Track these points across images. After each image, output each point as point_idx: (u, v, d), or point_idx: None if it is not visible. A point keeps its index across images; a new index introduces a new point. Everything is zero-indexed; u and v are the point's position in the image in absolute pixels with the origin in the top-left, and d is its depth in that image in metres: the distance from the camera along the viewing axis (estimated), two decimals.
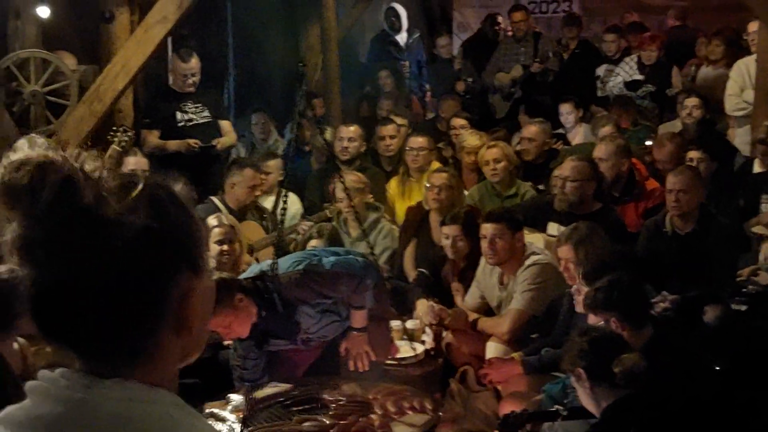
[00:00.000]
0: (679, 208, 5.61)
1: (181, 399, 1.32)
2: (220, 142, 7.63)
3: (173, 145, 7.46)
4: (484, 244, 5.31)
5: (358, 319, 4.74)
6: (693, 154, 6.60)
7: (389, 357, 5.09)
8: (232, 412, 4.27)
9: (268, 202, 7.04)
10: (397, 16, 12.12)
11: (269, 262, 4.59)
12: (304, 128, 8.48)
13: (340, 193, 6.28)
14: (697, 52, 9.61)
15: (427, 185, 6.42)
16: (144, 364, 1.30)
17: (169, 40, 8.06)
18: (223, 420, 4.19)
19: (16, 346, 4.25)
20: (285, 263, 4.59)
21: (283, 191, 5.51)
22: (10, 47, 6.92)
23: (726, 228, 5.69)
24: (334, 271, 4.51)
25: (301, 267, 4.51)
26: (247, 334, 4.45)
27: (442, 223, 5.81)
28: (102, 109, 6.73)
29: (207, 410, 4.24)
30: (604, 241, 4.93)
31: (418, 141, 7.28)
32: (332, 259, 4.61)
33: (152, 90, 8.32)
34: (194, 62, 7.65)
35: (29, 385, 1.29)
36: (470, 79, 10.38)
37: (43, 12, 6.89)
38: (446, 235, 5.71)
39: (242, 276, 4.66)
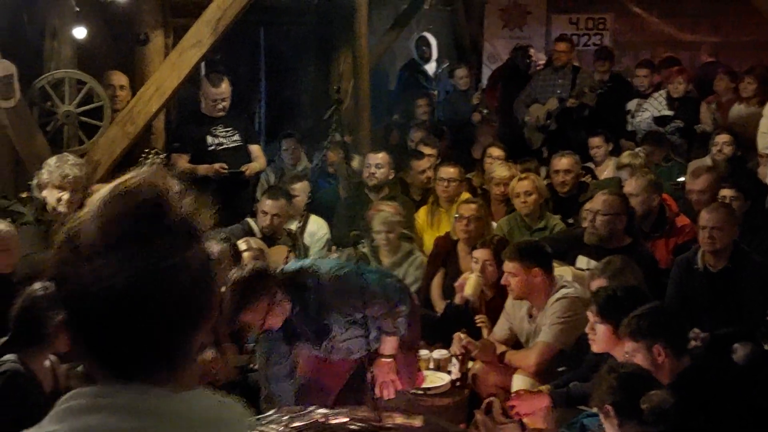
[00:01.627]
0: (713, 245, 5.56)
1: None
2: (250, 168, 7.66)
3: (202, 169, 7.49)
4: (504, 280, 5.34)
5: (388, 346, 4.72)
6: (726, 192, 6.56)
7: (415, 386, 5.08)
8: None
9: (294, 225, 7.05)
10: (428, 45, 12.17)
11: (310, 260, 4.60)
12: (333, 153, 8.51)
13: (377, 225, 6.30)
14: (716, 88, 9.58)
15: (456, 216, 6.42)
16: (184, 371, 1.34)
17: (202, 64, 8.13)
18: None
19: (47, 363, 4.28)
20: (327, 264, 4.60)
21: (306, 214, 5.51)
22: (45, 67, 6.99)
23: (759, 266, 5.63)
24: (372, 288, 4.50)
25: (341, 272, 4.50)
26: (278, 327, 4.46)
27: (473, 248, 5.82)
28: (134, 131, 6.78)
29: None
30: (638, 276, 4.91)
31: (449, 171, 7.28)
32: (373, 276, 4.61)
33: (183, 113, 8.37)
34: (225, 87, 7.70)
35: (77, 404, 1.28)
36: (486, 111, 10.40)
37: (80, 33, 6.95)
38: (476, 260, 5.71)
39: (281, 270, 4.65)
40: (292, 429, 3.91)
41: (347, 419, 4.09)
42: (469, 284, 5.68)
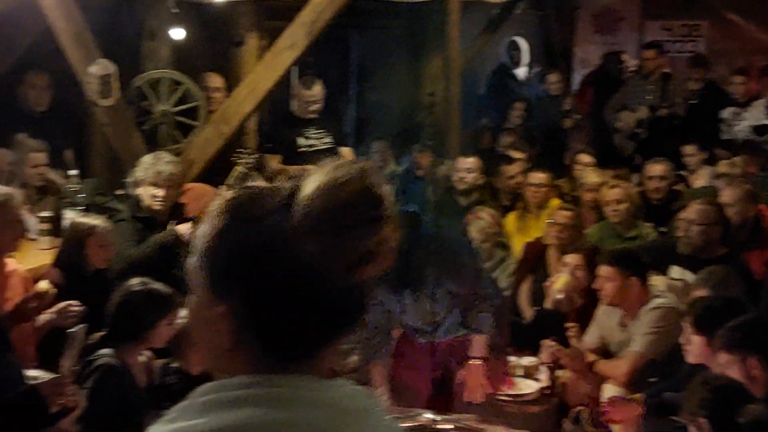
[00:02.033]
0: None
1: None
2: None
3: (293, 170, 7.54)
4: (597, 285, 5.27)
5: (477, 347, 4.70)
6: None
7: (504, 393, 5.05)
8: None
9: None
10: (518, 49, 12.10)
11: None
12: (423, 157, 8.53)
13: (474, 232, 6.30)
14: None
15: (550, 221, 6.37)
16: (325, 358, 1.38)
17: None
18: None
19: (142, 358, 4.36)
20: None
21: None
22: (143, 67, 7.13)
23: None
24: (474, 264, 4.53)
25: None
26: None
27: (564, 253, 5.79)
28: (228, 131, 6.87)
29: None
30: (739, 287, 4.81)
31: (539, 177, 7.23)
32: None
33: (275, 115, 8.46)
34: (317, 89, 7.75)
35: (220, 397, 1.31)
36: (578, 116, 10.28)
37: (177, 34, 7.08)
38: (567, 264, 5.68)
39: None
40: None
41: (452, 426, 4.08)
42: (558, 281, 5.65)
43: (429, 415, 4.14)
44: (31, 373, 3.44)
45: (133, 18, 7.25)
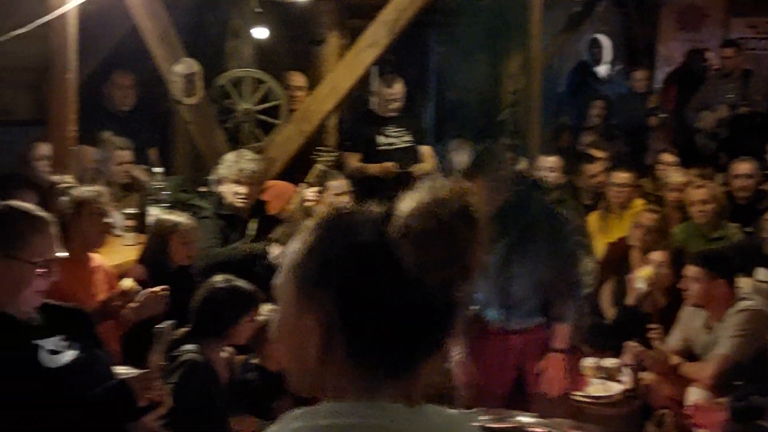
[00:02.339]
0: None
1: None
2: (419, 168, 7.69)
3: (372, 168, 7.56)
4: (683, 285, 5.18)
5: (560, 337, 4.66)
6: None
7: (584, 395, 4.99)
8: None
9: None
10: (600, 47, 11.97)
11: None
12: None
13: None
14: None
15: (634, 223, 6.27)
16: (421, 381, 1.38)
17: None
18: None
19: (225, 355, 4.40)
20: None
21: None
22: (226, 66, 7.22)
23: None
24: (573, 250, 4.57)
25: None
26: None
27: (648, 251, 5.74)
28: (309, 130, 6.91)
29: None
30: None
31: (623, 176, 7.12)
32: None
33: (355, 113, 8.48)
34: (398, 87, 7.74)
35: (306, 426, 1.31)
36: (664, 115, 10.11)
37: (260, 33, 7.15)
38: (651, 262, 5.61)
39: None
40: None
41: (546, 430, 4.05)
42: (642, 272, 5.58)
43: (523, 418, 4.11)
44: (118, 368, 3.49)
45: (217, 17, 7.35)
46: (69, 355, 3.08)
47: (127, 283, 4.47)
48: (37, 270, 2.99)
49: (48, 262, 3.03)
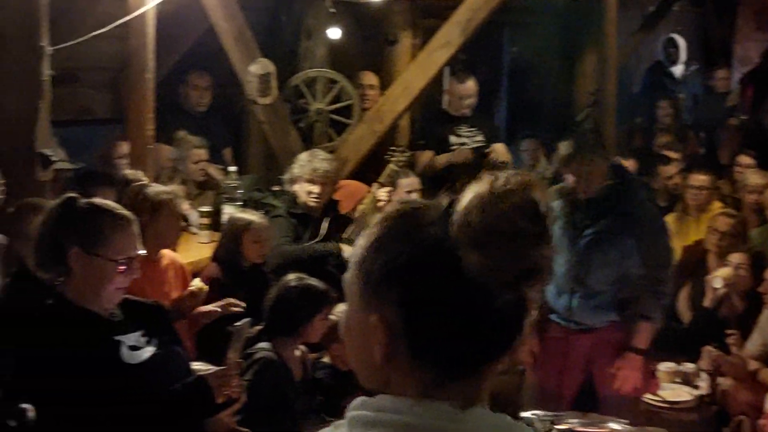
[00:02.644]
0: None
1: None
2: (495, 155, 7.60)
3: (442, 159, 7.45)
4: (763, 288, 5.08)
5: (643, 336, 4.59)
6: None
7: (660, 399, 4.92)
8: None
9: None
10: (675, 47, 11.80)
11: None
12: None
13: None
14: None
15: (710, 227, 6.17)
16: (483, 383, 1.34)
17: None
18: None
19: (298, 353, 4.43)
20: None
21: None
22: (300, 66, 7.26)
23: None
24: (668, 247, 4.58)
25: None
26: None
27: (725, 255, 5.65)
28: (381, 129, 6.92)
29: None
30: None
31: (700, 179, 6.99)
32: None
33: (427, 112, 8.47)
34: (471, 84, 7.68)
35: (361, 415, 1.31)
36: (744, 116, 9.92)
37: (334, 33, 7.17)
38: (730, 263, 5.51)
39: None
40: None
41: None
42: (720, 272, 5.49)
43: (614, 425, 4.07)
44: (195, 365, 3.53)
45: (291, 18, 7.40)
46: (148, 351, 3.12)
47: (197, 282, 4.52)
48: (119, 267, 3.03)
49: (129, 259, 3.07)
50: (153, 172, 5.99)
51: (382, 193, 6.09)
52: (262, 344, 4.30)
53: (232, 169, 6.68)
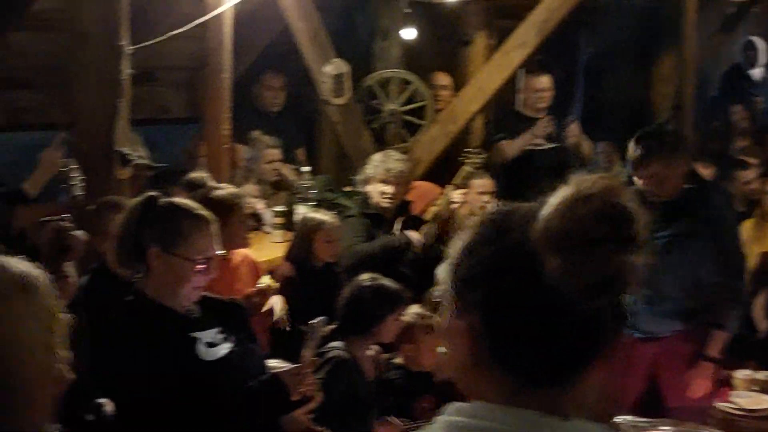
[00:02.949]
0: None
1: None
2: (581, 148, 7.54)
3: (512, 145, 7.42)
4: None
5: (715, 344, 4.50)
6: None
7: (736, 407, 4.82)
8: None
9: None
10: (755, 49, 11.56)
11: None
12: None
13: None
14: None
15: None
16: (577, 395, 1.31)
17: None
18: None
19: (370, 353, 4.43)
20: None
21: None
22: (374, 66, 7.27)
23: None
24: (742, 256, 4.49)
25: None
26: None
27: None
28: (455, 130, 6.89)
29: None
30: None
31: None
32: None
33: (501, 113, 8.41)
34: (546, 79, 7.61)
35: (454, 421, 1.30)
36: None
37: (408, 34, 7.17)
38: None
39: None
40: None
41: None
42: None
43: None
44: (270, 362, 3.56)
45: (366, 19, 7.42)
46: (225, 348, 3.14)
47: (265, 280, 4.54)
48: (197, 267, 3.06)
49: (207, 259, 3.09)
50: (228, 172, 6.04)
51: (457, 195, 6.07)
52: (335, 343, 4.31)
53: (306, 169, 6.72)
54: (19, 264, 1.61)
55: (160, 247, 3.04)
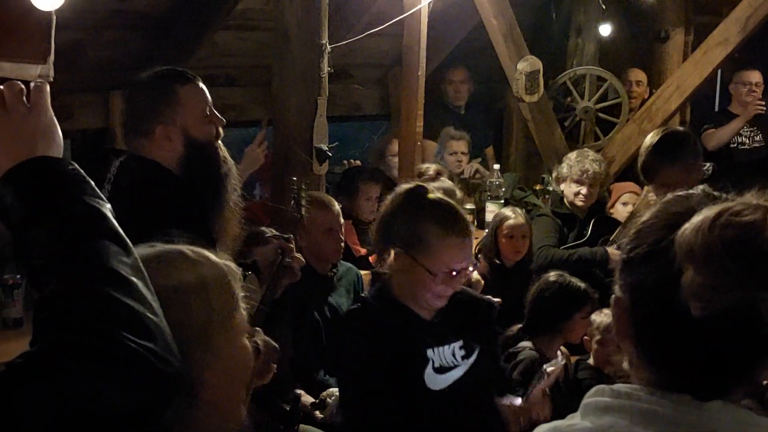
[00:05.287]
0: None
1: None
2: None
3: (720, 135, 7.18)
4: None
5: None
6: None
7: None
8: None
9: None
10: None
11: None
12: None
13: None
14: None
15: None
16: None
17: None
18: None
19: (559, 353, 4.38)
20: None
21: None
22: (567, 63, 7.18)
23: None
24: None
25: None
26: None
27: None
28: (651, 129, 6.70)
29: None
30: None
31: None
32: None
33: (698, 112, 8.16)
34: (756, 75, 7.31)
35: (598, 401, 1.31)
36: None
37: (604, 30, 7.05)
38: None
39: None
40: None
41: None
42: None
43: None
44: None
45: (561, 15, 7.33)
46: (458, 371, 2.98)
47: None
48: (438, 277, 2.89)
49: (450, 272, 2.89)
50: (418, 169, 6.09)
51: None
52: (524, 343, 4.29)
53: (496, 167, 6.70)
54: (219, 255, 1.69)
55: (403, 249, 2.91)
